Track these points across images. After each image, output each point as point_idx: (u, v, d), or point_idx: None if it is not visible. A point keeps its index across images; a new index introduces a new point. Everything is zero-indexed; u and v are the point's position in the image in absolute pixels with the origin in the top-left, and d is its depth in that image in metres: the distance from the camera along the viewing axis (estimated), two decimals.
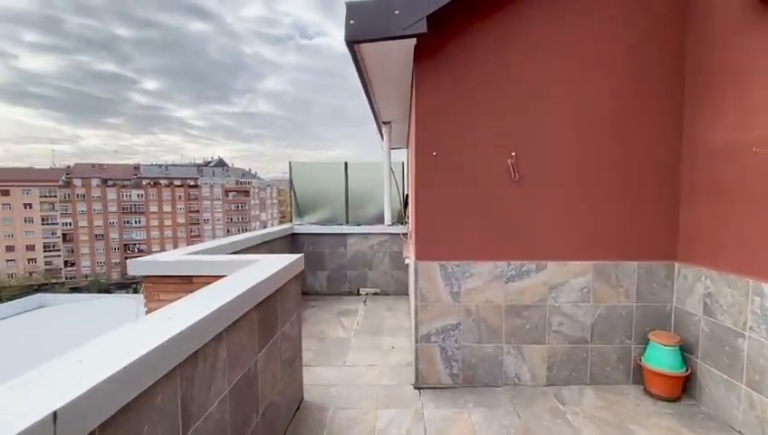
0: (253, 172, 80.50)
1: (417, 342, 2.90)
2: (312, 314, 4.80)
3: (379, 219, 5.81)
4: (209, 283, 2.15)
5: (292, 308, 2.62)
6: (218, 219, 67.36)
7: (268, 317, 2.19)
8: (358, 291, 5.73)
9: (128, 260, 2.74)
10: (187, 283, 2.74)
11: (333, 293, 5.71)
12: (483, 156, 2.77)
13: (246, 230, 71.48)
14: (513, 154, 2.74)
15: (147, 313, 2.57)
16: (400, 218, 5.88)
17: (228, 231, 67.45)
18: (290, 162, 5.79)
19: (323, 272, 5.70)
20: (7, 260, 55.27)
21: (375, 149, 6.72)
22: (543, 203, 2.78)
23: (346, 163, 5.81)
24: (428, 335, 2.88)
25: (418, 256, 2.93)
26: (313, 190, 5.83)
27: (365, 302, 5.42)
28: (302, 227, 5.67)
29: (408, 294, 5.64)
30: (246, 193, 70.94)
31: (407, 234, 5.32)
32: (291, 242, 5.56)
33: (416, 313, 2.93)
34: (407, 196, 5.83)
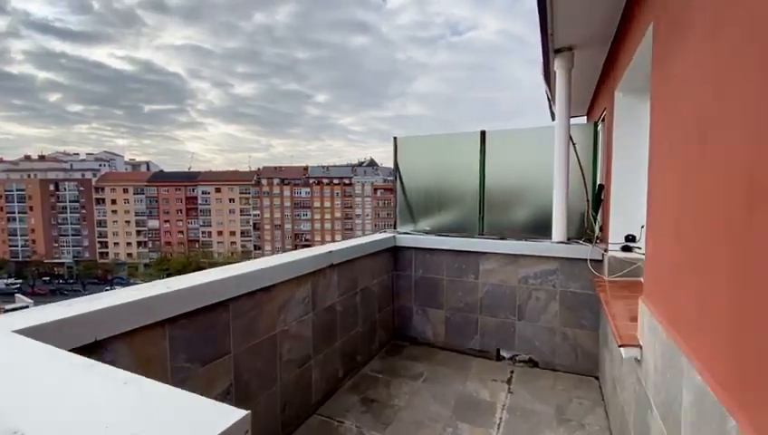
0: None
1: None
2: (410, 397, 2.67)
3: (541, 230, 3.24)
4: None
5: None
6: (368, 214, 72.21)
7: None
8: (498, 354, 3.31)
9: None
10: None
11: (454, 348, 3.45)
12: None
13: (392, 227, 74.25)
14: None
15: None
16: (585, 229, 3.17)
17: (375, 226, 71.54)
18: (395, 137, 3.80)
19: (439, 312, 3.50)
20: (218, 242, 72.07)
21: None
22: None
23: (483, 133, 3.45)
24: None
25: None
26: (428, 179, 3.67)
27: (509, 380, 2.97)
28: (410, 237, 3.59)
29: (598, 378, 2.93)
30: (392, 190, 73.84)
31: (608, 260, 2.65)
32: (391, 259, 3.57)
33: None
34: (600, 187, 3.09)
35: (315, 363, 2.49)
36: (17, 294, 40.58)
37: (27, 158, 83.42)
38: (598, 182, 3.17)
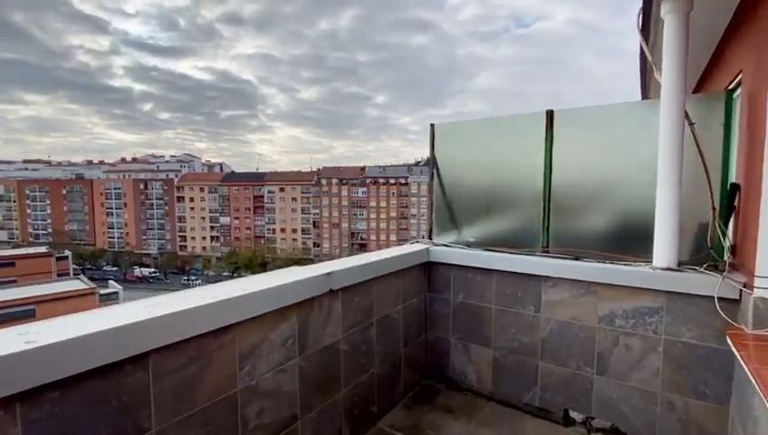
0: None
1: None
2: None
3: (636, 249, 2.27)
4: None
5: None
6: (423, 214, 71.11)
7: None
8: (566, 415, 2.41)
9: None
10: None
11: (505, 401, 2.61)
12: None
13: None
14: None
15: None
16: (707, 251, 2.13)
17: None
18: (432, 124, 3.02)
19: (484, 350, 2.68)
20: (281, 239, 75.86)
21: None
22: None
23: (550, 114, 2.54)
24: None
25: None
26: (474, 176, 2.84)
27: None
28: (448, 250, 2.81)
29: None
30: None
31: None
32: (423, 277, 2.82)
33: None
34: (733, 188, 2.06)
35: (304, 425, 1.84)
36: (110, 281, 46.04)
37: (123, 160, 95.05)
38: (730, 181, 2.12)
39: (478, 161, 2.84)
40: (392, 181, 74.22)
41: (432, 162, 2.98)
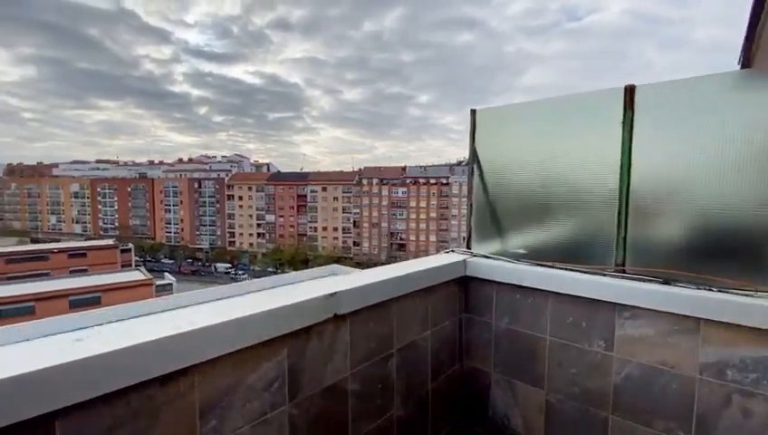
0: None
1: None
2: None
3: (754, 270, 1.63)
4: None
5: None
6: (464, 215, 69.31)
7: None
8: None
9: None
10: None
11: None
12: None
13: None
14: None
15: None
16: None
17: None
18: (472, 110, 2.51)
19: (535, 391, 2.13)
20: (322, 237, 77.44)
21: None
22: None
23: (630, 90, 1.94)
24: None
25: None
26: (525, 172, 2.28)
27: None
28: (490, 263, 2.28)
29: None
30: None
31: None
32: (459, 294, 2.32)
33: None
34: None
35: None
36: (165, 273, 49.34)
37: (180, 160, 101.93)
38: None
39: (531, 153, 2.28)
40: (433, 181, 73.08)
41: (472, 156, 2.46)
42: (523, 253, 2.29)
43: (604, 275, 1.96)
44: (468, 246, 2.49)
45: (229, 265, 74.09)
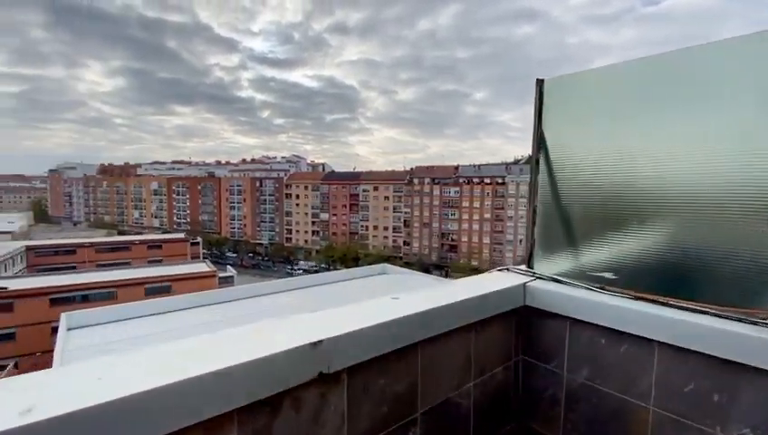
0: None
1: None
2: None
3: None
4: None
5: None
6: (521, 217, 65.73)
7: None
8: None
9: None
10: None
11: None
12: None
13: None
14: None
15: None
16: None
17: None
18: (539, 80, 1.85)
19: None
20: (373, 236, 78.08)
21: None
22: None
23: None
24: None
25: None
26: (611, 165, 1.60)
27: None
28: (560, 291, 1.64)
29: None
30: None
31: None
32: (514, 330, 1.70)
33: None
34: None
35: None
36: (228, 265, 52.68)
37: (243, 161, 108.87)
38: None
39: (628, 136, 1.58)
40: (487, 181, 70.22)
41: (537, 143, 1.81)
42: (612, 277, 1.60)
43: (755, 323, 1.24)
44: (529, 265, 1.85)
45: (313, 264, 75.96)
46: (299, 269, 71.60)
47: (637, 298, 1.50)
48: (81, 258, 45.34)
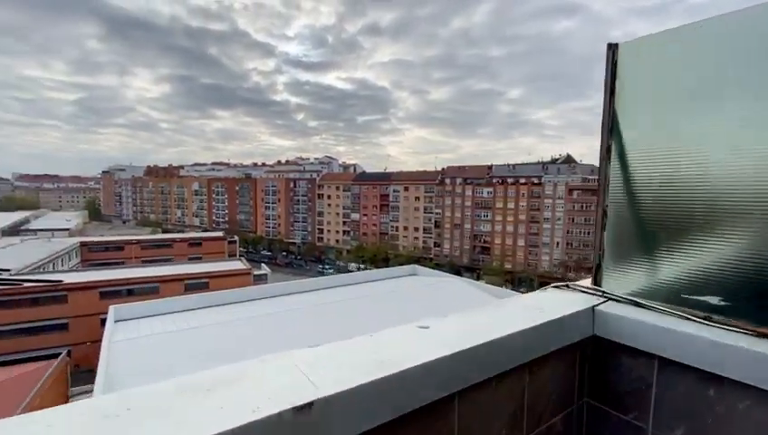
0: None
1: None
2: None
3: None
4: None
5: None
6: (559, 219, 62.93)
7: None
8: None
9: None
10: None
11: None
12: None
13: (589, 234, 61.77)
14: None
15: None
16: None
17: (568, 233, 61.48)
18: (611, 45, 1.47)
19: None
20: (403, 236, 77.63)
21: None
22: None
23: None
24: None
25: None
26: (720, 148, 1.18)
27: None
28: (639, 317, 1.24)
29: None
30: (593, 192, 61.79)
31: None
32: (578, 372, 1.32)
33: None
34: None
35: None
36: (262, 264, 54.10)
37: (278, 162, 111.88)
38: None
39: (734, 115, 1.16)
40: (523, 181, 67.77)
41: (608, 125, 1.41)
42: (721, 303, 1.18)
43: None
44: (596, 281, 1.45)
45: (361, 265, 76.18)
46: (330, 268, 72.41)
47: (760, 335, 1.08)
48: (129, 254, 48.23)
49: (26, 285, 28.75)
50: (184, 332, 21.49)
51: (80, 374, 22.45)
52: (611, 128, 1.40)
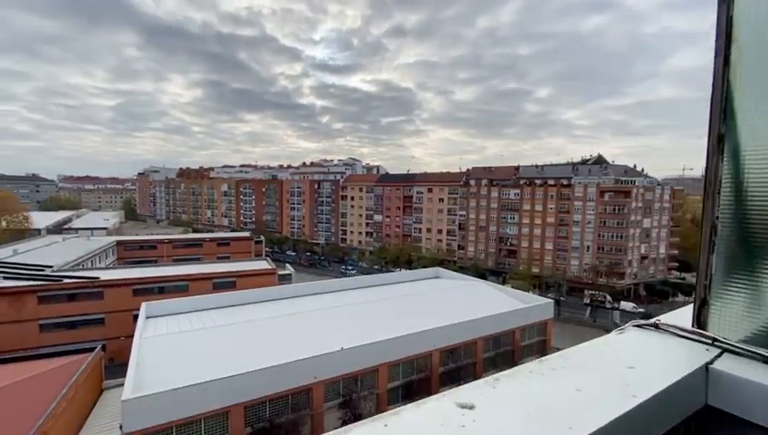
0: (639, 169, 65.96)
1: None
2: None
3: None
4: None
5: None
6: (589, 222, 60.36)
7: None
8: None
9: None
10: None
11: None
12: None
13: (622, 237, 58.32)
14: None
15: None
16: None
17: (599, 237, 58.84)
18: None
19: None
20: (426, 238, 76.79)
21: None
22: None
23: None
24: None
25: None
26: None
27: None
28: None
29: None
30: (627, 194, 58.80)
31: None
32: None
33: None
34: None
35: None
36: (287, 263, 54.84)
37: (303, 164, 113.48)
38: None
39: None
40: (551, 182, 65.51)
41: (721, 107, 1.03)
42: None
43: None
44: (701, 323, 1.06)
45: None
46: (352, 269, 72.54)
47: None
48: (161, 253, 50.08)
49: (66, 281, 30.25)
50: (210, 329, 21.93)
51: (114, 368, 23.30)
52: (724, 109, 1.01)
